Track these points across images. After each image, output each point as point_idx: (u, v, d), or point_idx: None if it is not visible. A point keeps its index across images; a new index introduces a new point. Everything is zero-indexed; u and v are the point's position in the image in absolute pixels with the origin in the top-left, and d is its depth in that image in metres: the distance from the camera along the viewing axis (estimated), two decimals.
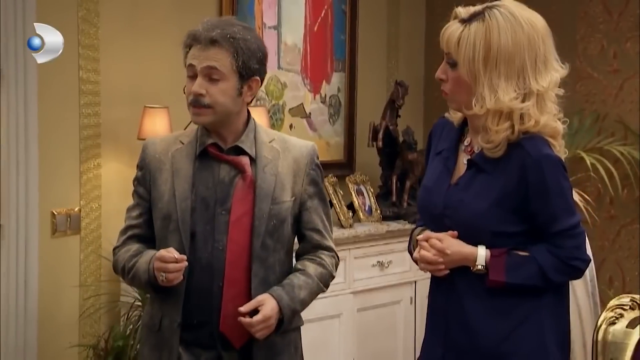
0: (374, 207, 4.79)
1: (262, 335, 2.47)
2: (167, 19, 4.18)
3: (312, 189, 2.62)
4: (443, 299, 2.40)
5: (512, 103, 2.26)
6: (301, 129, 4.82)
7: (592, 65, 4.96)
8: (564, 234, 2.31)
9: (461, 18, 2.32)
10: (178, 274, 2.44)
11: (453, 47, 2.31)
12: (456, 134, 2.45)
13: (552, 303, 2.37)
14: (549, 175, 2.28)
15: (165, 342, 2.55)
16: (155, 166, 2.59)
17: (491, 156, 2.32)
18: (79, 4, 3.90)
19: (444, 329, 2.39)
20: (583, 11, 5.00)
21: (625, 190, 4.85)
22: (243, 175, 2.54)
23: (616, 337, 2.62)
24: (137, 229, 2.63)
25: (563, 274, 2.34)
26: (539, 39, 2.30)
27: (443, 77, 2.37)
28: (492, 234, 2.31)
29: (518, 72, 2.27)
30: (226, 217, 2.52)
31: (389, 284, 4.56)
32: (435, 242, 2.34)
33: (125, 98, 4.08)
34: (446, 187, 2.39)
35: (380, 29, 5.31)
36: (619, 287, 4.83)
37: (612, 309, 2.68)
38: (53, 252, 3.87)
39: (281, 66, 4.70)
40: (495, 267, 2.30)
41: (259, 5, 4.56)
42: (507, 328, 2.32)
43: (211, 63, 2.47)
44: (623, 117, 4.88)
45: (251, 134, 2.59)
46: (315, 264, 2.62)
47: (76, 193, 3.95)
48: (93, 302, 3.92)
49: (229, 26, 2.51)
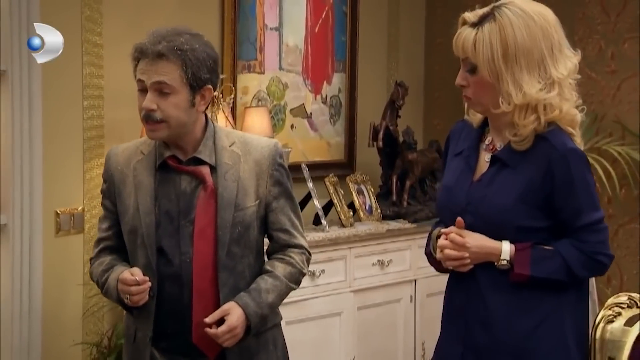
0: (374, 206, 4.81)
1: (229, 344, 2.46)
2: (171, 20, 4.17)
3: (276, 190, 2.58)
4: (463, 296, 2.39)
5: (539, 94, 2.28)
6: (302, 129, 4.84)
7: (591, 66, 4.98)
8: (589, 228, 2.32)
9: (472, 22, 2.33)
10: (142, 296, 2.44)
11: (470, 51, 2.31)
12: (477, 134, 2.45)
13: (573, 301, 2.38)
14: (575, 169, 2.30)
15: (140, 353, 2.56)
16: (118, 178, 2.58)
17: (519, 149, 2.32)
18: (82, 4, 3.92)
19: (463, 326, 2.38)
20: (581, 12, 5.02)
21: (623, 189, 4.87)
22: (204, 185, 2.51)
23: (614, 335, 2.62)
24: (108, 240, 2.63)
25: (587, 269, 2.35)
26: (552, 29, 2.32)
27: (464, 83, 2.37)
28: (515, 230, 2.31)
29: (538, 64, 2.29)
30: (190, 228, 2.50)
31: (389, 283, 4.57)
32: (455, 237, 2.34)
33: (128, 98, 4.04)
34: (468, 184, 2.39)
35: (380, 30, 5.33)
36: (617, 286, 4.84)
37: (610, 307, 2.68)
38: (57, 251, 3.89)
39: (282, 67, 4.72)
40: (520, 261, 2.30)
41: (260, 7, 4.57)
42: (529, 325, 2.32)
43: (160, 78, 2.42)
44: (621, 117, 4.90)
45: (209, 141, 2.55)
46: (284, 264, 2.60)
47: (80, 193, 3.97)
48: (96, 300, 3.93)
49: (176, 37, 2.45)
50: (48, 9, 3.70)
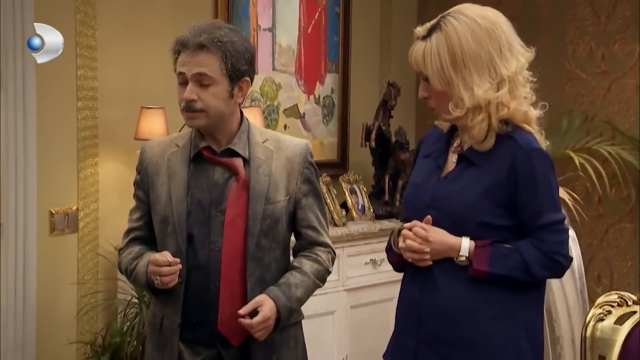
0: (367, 206, 4.83)
1: (261, 335, 2.50)
2: (164, 21, 4.21)
3: (306, 187, 2.64)
4: (417, 290, 2.41)
5: (487, 94, 2.32)
6: (295, 129, 4.86)
7: (581, 66, 5.01)
8: (548, 228, 2.34)
9: (421, 36, 2.39)
10: (172, 277, 2.47)
11: (421, 64, 2.37)
12: (446, 138, 2.50)
13: (529, 303, 2.40)
14: (539, 169, 2.33)
15: (167, 341, 2.58)
16: (152, 170, 2.62)
17: (481, 150, 2.36)
18: (76, 6, 3.93)
19: (416, 320, 2.40)
20: (572, 14, 5.04)
21: (613, 189, 4.89)
22: (237, 176, 2.56)
23: (604, 333, 2.63)
24: (139, 231, 2.67)
25: (546, 269, 2.37)
26: (498, 30, 2.35)
27: (425, 94, 2.42)
28: (477, 225, 2.34)
29: (487, 65, 2.33)
30: (221, 218, 2.54)
31: (382, 282, 4.59)
32: (419, 230, 2.36)
33: (122, 99, 4.12)
34: (435, 181, 2.43)
35: (373, 31, 5.35)
36: (607, 285, 4.86)
37: (600, 305, 2.70)
38: (51, 251, 3.90)
39: (276, 67, 4.74)
40: (479, 257, 2.32)
41: (253, 8, 4.59)
42: (482, 319, 2.34)
43: (201, 69, 2.49)
44: (611, 117, 4.92)
45: (244, 135, 2.61)
46: (311, 261, 2.64)
47: (74, 192, 3.98)
48: (90, 299, 3.96)
49: (216, 30, 2.52)
50: (42, 11, 3.71)
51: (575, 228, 3.53)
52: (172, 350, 2.57)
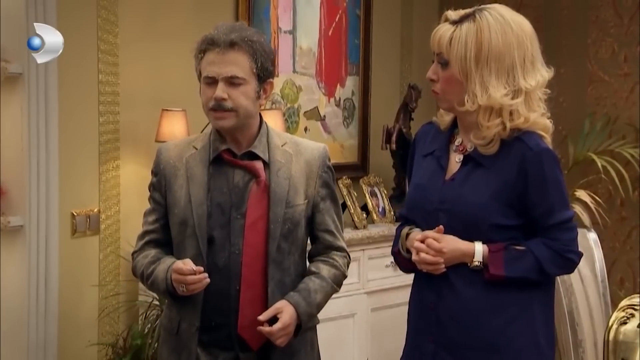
0: (388, 208, 4.83)
1: (282, 342, 2.49)
2: (185, 23, 4.22)
3: (324, 191, 2.64)
4: (434, 296, 2.41)
5: (503, 99, 2.32)
6: (316, 132, 4.86)
7: (604, 68, 4.98)
8: (560, 226, 2.36)
9: (452, 20, 2.38)
10: (198, 285, 2.45)
11: (445, 47, 2.37)
12: (446, 136, 2.49)
13: (542, 299, 2.41)
14: (548, 169, 2.34)
15: (184, 345, 2.57)
16: (170, 172, 2.61)
17: (485, 153, 2.36)
18: (98, 7, 3.95)
19: (435, 324, 2.41)
20: (594, 15, 5.02)
21: (636, 192, 4.87)
22: (257, 179, 2.56)
23: (627, 336, 2.64)
24: (154, 234, 2.65)
25: (558, 267, 2.39)
26: (527, 40, 2.36)
27: (434, 77, 2.43)
28: (489, 227, 2.34)
29: (508, 70, 2.33)
30: (242, 221, 2.54)
31: (402, 284, 4.54)
32: (432, 242, 2.36)
33: (143, 101, 4.13)
34: (441, 183, 2.43)
35: (393, 33, 5.35)
36: (630, 288, 4.84)
37: (623, 309, 2.70)
38: (73, 252, 3.92)
39: (296, 70, 4.74)
40: (494, 262, 2.33)
41: (274, 10, 4.60)
42: (501, 322, 2.35)
43: (232, 71, 2.48)
44: (634, 120, 4.90)
45: (264, 138, 2.61)
46: (329, 266, 2.64)
47: (95, 194, 4.00)
48: (112, 301, 3.98)
49: (244, 30, 2.53)
50: (64, 13, 3.72)
51: (597, 231, 3.52)
52: (189, 353, 2.56)
